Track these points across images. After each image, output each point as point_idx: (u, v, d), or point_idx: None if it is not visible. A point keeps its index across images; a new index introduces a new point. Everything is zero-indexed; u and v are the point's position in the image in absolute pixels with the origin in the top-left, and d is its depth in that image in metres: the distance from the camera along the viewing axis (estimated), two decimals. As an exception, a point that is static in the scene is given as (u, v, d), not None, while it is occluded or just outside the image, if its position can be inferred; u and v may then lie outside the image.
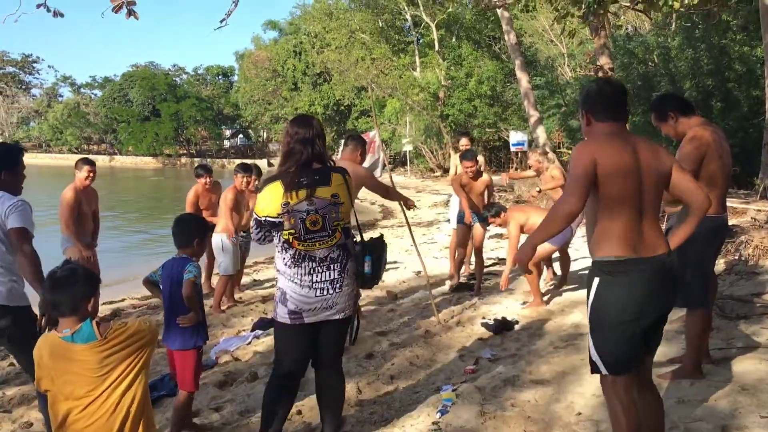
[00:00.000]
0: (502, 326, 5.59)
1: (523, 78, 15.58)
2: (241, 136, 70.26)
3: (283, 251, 3.21)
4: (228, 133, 71.44)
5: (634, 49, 18.50)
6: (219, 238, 7.03)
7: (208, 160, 63.26)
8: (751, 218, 9.38)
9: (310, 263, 3.17)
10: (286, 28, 51.27)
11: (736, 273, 6.45)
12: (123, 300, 8.38)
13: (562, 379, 4.16)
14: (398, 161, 39.04)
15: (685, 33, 17.38)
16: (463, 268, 8.18)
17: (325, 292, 3.19)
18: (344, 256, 3.25)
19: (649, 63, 18.86)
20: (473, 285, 7.54)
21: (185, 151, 67.45)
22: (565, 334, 5.20)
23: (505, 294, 6.87)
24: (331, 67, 34.94)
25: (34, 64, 74.65)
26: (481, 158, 8.66)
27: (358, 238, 3.62)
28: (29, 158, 7.27)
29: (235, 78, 65.67)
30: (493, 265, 8.94)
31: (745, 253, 6.89)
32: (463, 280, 7.83)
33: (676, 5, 9.60)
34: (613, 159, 2.56)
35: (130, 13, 8.11)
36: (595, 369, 2.69)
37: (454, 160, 8.44)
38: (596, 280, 2.63)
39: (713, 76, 16.85)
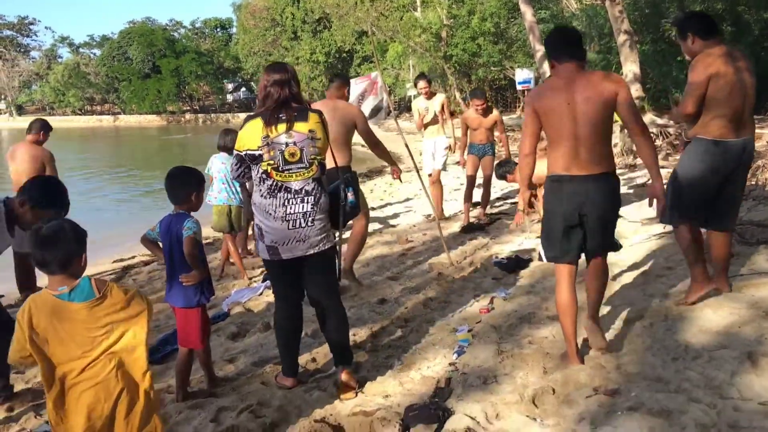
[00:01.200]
0: (516, 264, 5.49)
1: (527, 11, 15.04)
2: (243, 89, 69.55)
3: (261, 183, 3.37)
4: (230, 87, 70.72)
5: (642, -25, 17.84)
6: None
7: (212, 115, 63.08)
8: (767, 142, 9.17)
9: (286, 194, 3.33)
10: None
11: (753, 198, 6.30)
12: (133, 257, 8.37)
13: (579, 314, 4.07)
14: (403, 107, 38.61)
15: (694, -45, 16.72)
16: (474, 210, 8.08)
17: (297, 224, 3.35)
18: (318, 190, 3.41)
19: (657, -11, 18.24)
20: (483, 225, 7.47)
21: (188, 108, 67.07)
22: (581, 268, 5.08)
23: (516, 232, 6.77)
24: (330, 12, 34.08)
25: (31, 26, 73.84)
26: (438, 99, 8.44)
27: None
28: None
29: (234, 30, 64.62)
30: (506, 204, 8.82)
31: (762, 177, 6.72)
32: (472, 220, 7.73)
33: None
34: (547, 103, 3.16)
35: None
36: (540, 257, 3.47)
37: (415, 104, 8.06)
38: (545, 190, 3.36)
39: (723, 0, 16.28)
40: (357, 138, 5.38)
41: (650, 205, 3.44)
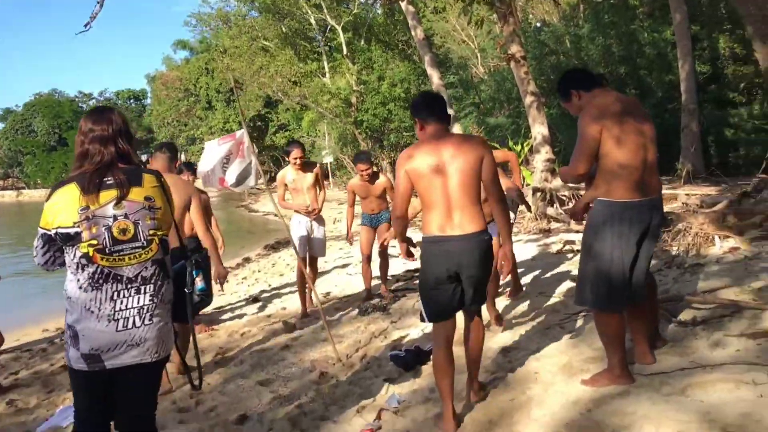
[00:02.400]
0: (415, 358, 4.51)
1: (434, 74, 14.69)
2: (157, 160, 67.85)
3: (79, 270, 2.52)
4: (144, 157, 68.72)
5: (546, 40, 18.02)
6: None
7: (124, 187, 60.56)
8: (683, 203, 8.74)
9: (115, 284, 2.51)
10: (197, 47, 49.48)
11: (677, 266, 5.63)
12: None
13: (487, 433, 3.13)
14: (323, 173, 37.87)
15: (595, 20, 17.01)
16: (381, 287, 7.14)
17: (130, 324, 2.52)
18: (160, 276, 2.62)
19: (561, 54, 18.45)
20: (385, 305, 6.51)
21: (98, 180, 64.30)
22: (491, 362, 4.18)
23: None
24: (239, 78, 33.40)
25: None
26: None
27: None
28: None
29: (149, 101, 63.30)
30: (410, 278, 7.88)
31: (684, 242, 6.10)
32: (375, 300, 6.76)
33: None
34: (419, 165, 3.20)
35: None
36: (421, 318, 3.38)
37: (282, 175, 6.61)
38: (421, 251, 3.32)
39: (625, 63, 16.53)
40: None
41: (499, 267, 3.41)
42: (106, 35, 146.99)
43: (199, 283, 2.85)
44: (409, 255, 3.57)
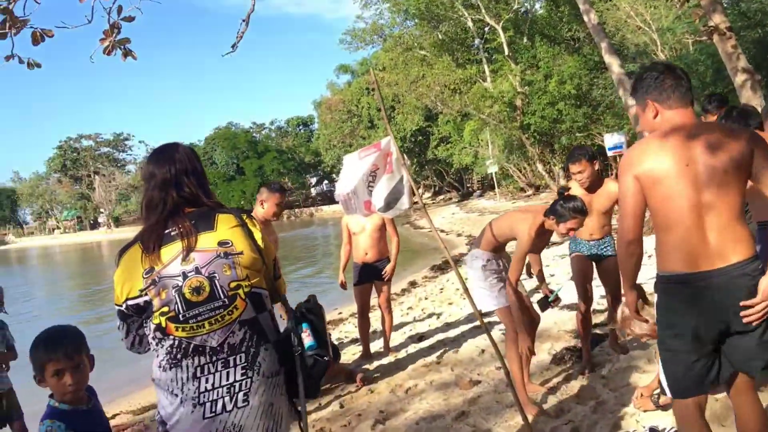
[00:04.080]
0: None
1: (613, 63, 12.77)
2: (326, 182, 70.44)
3: (158, 346, 2.07)
4: (313, 181, 72.12)
5: (748, 11, 15.31)
6: None
7: (296, 210, 63.58)
8: None
9: (197, 359, 2.02)
10: (358, 69, 50.88)
11: None
12: (117, 414, 6.34)
13: None
14: (486, 185, 37.22)
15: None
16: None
17: (219, 408, 2.00)
18: (253, 340, 2.07)
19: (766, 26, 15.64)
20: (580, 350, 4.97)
21: (273, 205, 67.77)
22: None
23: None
24: (396, 90, 32.81)
25: (126, 142, 78.16)
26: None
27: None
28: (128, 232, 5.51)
29: (316, 126, 65.99)
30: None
31: None
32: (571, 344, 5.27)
33: None
34: (655, 166, 2.30)
35: (126, 54, 6.56)
36: (661, 389, 2.70)
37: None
38: (659, 295, 2.41)
39: None
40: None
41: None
42: (275, 69, 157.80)
43: (307, 339, 2.21)
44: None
